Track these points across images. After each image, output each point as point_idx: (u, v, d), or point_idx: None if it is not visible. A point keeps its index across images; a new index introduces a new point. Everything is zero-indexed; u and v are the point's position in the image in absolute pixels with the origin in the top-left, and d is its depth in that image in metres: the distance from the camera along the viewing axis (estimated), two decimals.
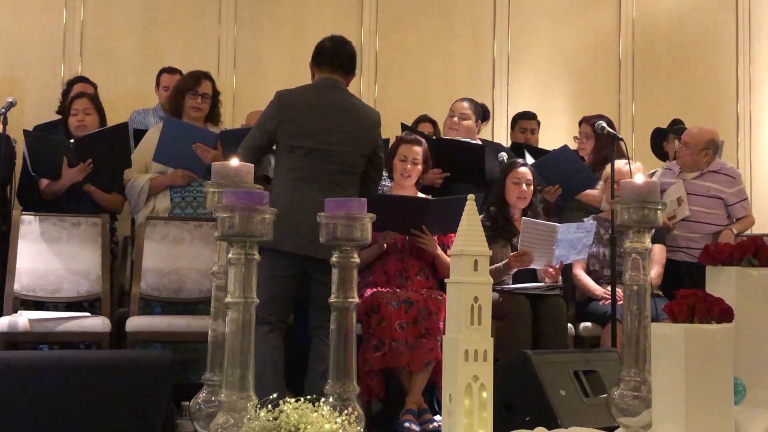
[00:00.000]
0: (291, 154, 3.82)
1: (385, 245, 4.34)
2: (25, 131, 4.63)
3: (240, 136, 4.07)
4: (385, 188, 4.79)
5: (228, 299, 2.17)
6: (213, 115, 4.80)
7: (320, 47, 3.98)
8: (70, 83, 5.36)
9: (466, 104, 5.31)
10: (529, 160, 5.14)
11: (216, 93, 4.79)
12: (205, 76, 4.76)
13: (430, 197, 4.54)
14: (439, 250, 4.37)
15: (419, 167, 4.49)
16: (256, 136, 3.88)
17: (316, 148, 3.80)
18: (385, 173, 4.81)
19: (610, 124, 4.72)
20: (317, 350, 3.73)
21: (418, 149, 4.49)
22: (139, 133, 4.98)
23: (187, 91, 4.68)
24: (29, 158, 4.55)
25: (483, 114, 5.50)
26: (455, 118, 5.24)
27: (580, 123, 5.51)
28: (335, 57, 3.94)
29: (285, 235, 3.44)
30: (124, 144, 4.63)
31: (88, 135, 4.63)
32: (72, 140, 4.57)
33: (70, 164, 4.49)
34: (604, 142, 5.12)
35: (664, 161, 5.95)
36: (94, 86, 5.39)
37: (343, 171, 3.85)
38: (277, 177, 3.93)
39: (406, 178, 4.47)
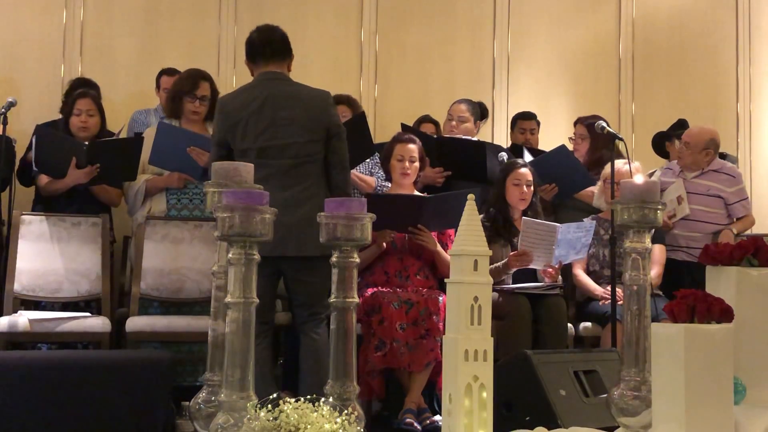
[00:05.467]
0: (245, 159, 3.67)
1: (384, 245, 4.34)
2: (37, 126, 4.61)
3: None
4: (383, 189, 4.79)
5: (228, 299, 2.17)
6: (212, 114, 4.74)
7: (250, 42, 3.89)
8: (75, 85, 5.31)
9: (463, 106, 5.30)
10: (528, 160, 5.13)
11: (215, 93, 4.69)
12: (202, 77, 4.67)
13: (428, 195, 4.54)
14: (439, 247, 4.38)
15: (416, 164, 4.50)
16: (214, 152, 3.82)
17: (266, 147, 3.72)
18: (383, 174, 4.82)
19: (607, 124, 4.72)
20: (304, 348, 3.70)
21: (413, 147, 4.50)
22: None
23: (184, 95, 4.60)
24: (35, 153, 4.53)
25: (481, 113, 5.49)
26: (453, 122, 5.24)
27: (575, 124, 5.51)
28: (266, 47, 3.85)
29: None
30: (134, 157, 4.52)
31: (103, 140, 4.61)
32: (86, 142, 4.53)
33: (79, 165, 4.47)
34: (600, 143, 5.11)
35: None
36: (97, 89, 5.37)
37: (298, 164, 3.75)
38: None
39: (405, 177, 4.47)
